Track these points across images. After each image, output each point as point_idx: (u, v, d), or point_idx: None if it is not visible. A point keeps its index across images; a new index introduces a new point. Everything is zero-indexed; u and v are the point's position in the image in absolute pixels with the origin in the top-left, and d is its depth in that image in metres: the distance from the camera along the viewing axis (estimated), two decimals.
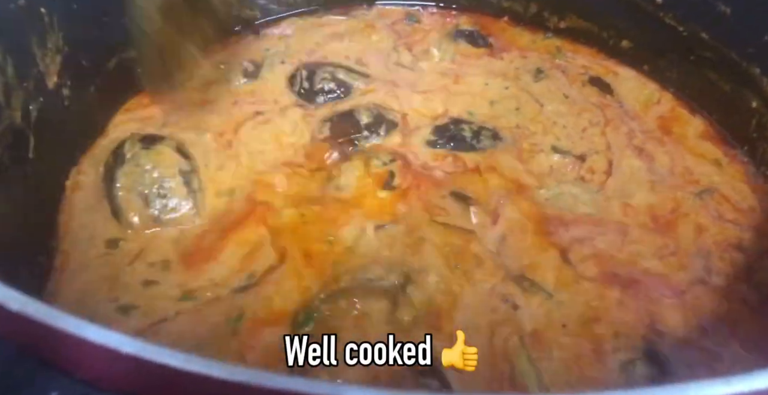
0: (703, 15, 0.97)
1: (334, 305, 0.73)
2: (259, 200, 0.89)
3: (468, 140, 0.98)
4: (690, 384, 0.34)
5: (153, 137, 0.95)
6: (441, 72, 1.13)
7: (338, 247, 0.82)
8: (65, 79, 0.93)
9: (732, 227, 0.87)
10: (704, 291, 0.79)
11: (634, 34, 1.11)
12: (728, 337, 0.74)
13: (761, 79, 0.92)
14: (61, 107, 0.94)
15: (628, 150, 0.98)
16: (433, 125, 1.01)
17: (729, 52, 0.96)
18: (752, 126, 0.95)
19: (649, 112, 1.06)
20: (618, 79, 1.12)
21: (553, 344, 0.72)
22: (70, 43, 0.91)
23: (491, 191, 0.90)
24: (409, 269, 0.78)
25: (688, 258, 0.83)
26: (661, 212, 0.89)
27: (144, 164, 0.90)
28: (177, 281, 0.79)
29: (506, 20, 1.25)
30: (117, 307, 0.75)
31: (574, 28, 1.19)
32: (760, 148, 0.95)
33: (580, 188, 0.92)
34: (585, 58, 1.17)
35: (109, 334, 0.40)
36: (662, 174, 0.95)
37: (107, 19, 0.99)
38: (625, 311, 0.76)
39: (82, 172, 0.94)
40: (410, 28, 1.24)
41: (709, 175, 0.95)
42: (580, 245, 0.84)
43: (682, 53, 1.04)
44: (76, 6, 0.91)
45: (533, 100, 1.07)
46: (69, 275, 0.80)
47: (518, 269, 0.80)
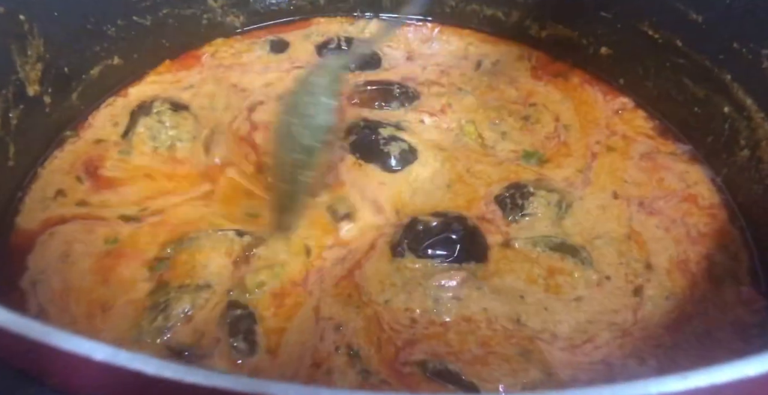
0: (676, 23, 0.99)
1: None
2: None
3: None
4: (649, 380, 0.35)
5: (180, 104, 1.04)
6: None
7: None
8: (46, 87, 0.93)
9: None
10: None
11: (613, 41, 1.13)
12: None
13: (732, 85, 0.94)
14: (42, 114, 0.94)
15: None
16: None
17: (702, 59, 0.98)
18: (725, 131, 0.97)
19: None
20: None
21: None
22: (51, 50, 0.92)
23: None
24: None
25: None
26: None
27: (165, 122, 1.00)
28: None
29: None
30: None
31: (554, 35, 1.21)
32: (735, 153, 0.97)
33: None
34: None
35: (81, 342, 0.40)
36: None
37: (90, 26, 1.00)
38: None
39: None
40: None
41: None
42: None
43: (658, 60, 1.06)
44: (57, 13, 0.91)
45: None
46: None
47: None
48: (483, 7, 1.25)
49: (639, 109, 1.12)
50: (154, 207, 0.91)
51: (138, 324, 0.77)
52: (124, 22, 1.05)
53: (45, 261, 0.83)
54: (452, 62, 1.22)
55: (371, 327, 0.79)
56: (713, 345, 0.78)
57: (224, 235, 0.84)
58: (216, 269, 0.82)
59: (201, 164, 0.98)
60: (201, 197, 0.93)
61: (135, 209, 0.90)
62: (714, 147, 1.00)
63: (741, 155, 0.95)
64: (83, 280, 0.82)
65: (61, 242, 0.86)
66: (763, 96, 0.89)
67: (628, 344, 0.79)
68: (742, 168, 0.95)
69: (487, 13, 1.25)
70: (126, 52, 1.08)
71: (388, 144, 0.99)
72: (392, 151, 0.99)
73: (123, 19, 1.05)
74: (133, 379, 0.38)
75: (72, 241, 0.86)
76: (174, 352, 0.74)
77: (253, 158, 0.99)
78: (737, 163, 0.96)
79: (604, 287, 0.85)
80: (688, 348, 0.78)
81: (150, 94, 1.07)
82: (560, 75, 1.19)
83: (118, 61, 1.07)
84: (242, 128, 1.04)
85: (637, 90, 1.12)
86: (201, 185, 0.95)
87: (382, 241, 0.89)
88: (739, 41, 0.90)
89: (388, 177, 0.97)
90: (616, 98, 1.14)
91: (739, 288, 0.85)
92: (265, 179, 0.94)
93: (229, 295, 0.80)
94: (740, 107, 0.93)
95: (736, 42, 0.90)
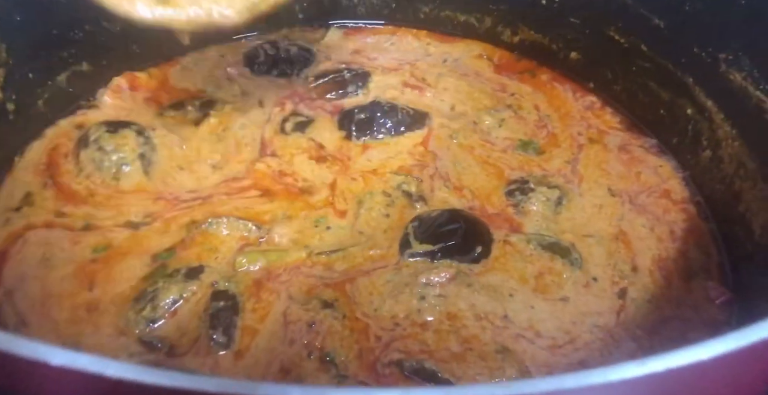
0: (640, 28, 1.02)
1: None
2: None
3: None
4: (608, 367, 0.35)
5: (118, 123, 0.99)
6: None
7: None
8: (9, 93, 0.91)
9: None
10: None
11: (581, 46, 1.17)
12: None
13: (694, 87, 0.97)
14: (5, 121, 0.92)
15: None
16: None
17: (665, 63, 1.01)
18: (689, 132, 1.00)
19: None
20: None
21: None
22: (14, 56, 0.90)
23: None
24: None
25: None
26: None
27: (105, 147, 0.95)
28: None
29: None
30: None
31: (526, 40, 1.24)
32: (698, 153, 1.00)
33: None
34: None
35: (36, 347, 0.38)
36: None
37: (56, 31, 0.98)
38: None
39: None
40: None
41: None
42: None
43: (625, 64, 1.09)
44: (19, 18, 0.89)
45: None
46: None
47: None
48: (456, 13, 1.27)
49: (606, 106, 1.15)
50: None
51: (125, 315, 0.78)
52: (92, 28, 1.03)
53: (22, 269, 0.83)
54: (416, 57, 1.23)
55: (356, 336, 0.79)
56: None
57: (245, 224, 0.89)
58: (222, 254, 0.86)
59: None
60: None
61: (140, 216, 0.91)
62: (680, 147, 1.03)
63: (704, 155, 0.98)
64: (65, 284, 0.81)
65: (39, 246, 0.85)
66: (722, 99, 0.93)
67: (608, 346, 0.80)
68: (705, 168, 0.98)
69: (460, 19, 1.28)
70: (95, 59, 1.06)
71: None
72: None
73: (91, 24, 1.03)
74: (96, 383, 0.37)
75: (51, 245, 0.85)
76: (150, 348, 0.76)
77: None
78: (701, 162, 0.99)
79: (590, 288, 0.86)
80: (664, 352, 0.79)
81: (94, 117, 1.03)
82: (526, 72, 1.22)
83: (87, 68, 1.05)
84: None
85: (607, 92, 1.15)
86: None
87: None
88: (698, 46, 0.94)
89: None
90: (585, 96, 1.17)
91: (707, 284, 0.87)
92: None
93: (213, 286, 0.82)
94: (702, 109, 0.97)
95: (696, 47, 0.94)
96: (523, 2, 1.15)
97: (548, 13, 1.15)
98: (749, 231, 0.86)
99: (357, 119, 1.06)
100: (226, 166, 0.99)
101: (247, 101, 1.10)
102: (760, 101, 0.84)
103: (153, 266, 0.84)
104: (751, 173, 0.87)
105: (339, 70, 1.15)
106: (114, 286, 0.82)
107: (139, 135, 0.97)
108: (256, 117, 1.07)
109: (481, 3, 1.21)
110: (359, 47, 1.24)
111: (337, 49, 1.23)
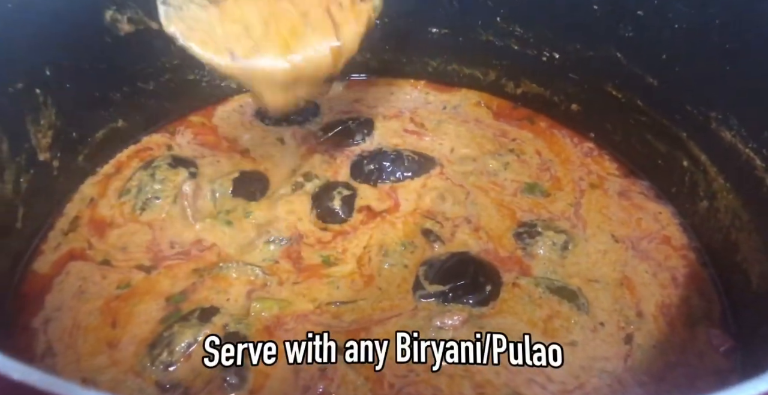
0: (635, 85, 1.08)
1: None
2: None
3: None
4: None
5: (184, 160, 1.09)
6: None
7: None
8: (56, 152, 0.99)
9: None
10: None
11: (581, 99, 1.23)
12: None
13: (688, 142, 1.02)
14: (51, 177, 0.99)
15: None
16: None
17: (661, 119, 1.07)
18: (686, 183, 1.05)
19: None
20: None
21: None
22: (61, 119, 0.98)
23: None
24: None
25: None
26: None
27: (155, 175, 1.05)
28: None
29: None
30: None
31: (528, 92, 1.31)
32: (696, 203, 1.04)
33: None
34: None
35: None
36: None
37: (98, 93, 1.07)
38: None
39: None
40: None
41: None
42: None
43: (623, 117, 1.15)
44: (69, 85, 0.98)
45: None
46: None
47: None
48: (462, 67, 1.34)
49: (604, 153, 1.20)
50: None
51: (142, 360, 0.82)
52: (128, 89, 1.12)
53: (62, 298, 0.89)
54: (415, 105, 1.30)
55: (371, 385, 0.81)
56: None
57: (251, 269, 0.94)
58: (232, 296, 0.91)
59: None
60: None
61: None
62: (678, 196, 1.08)
63: (701, 205, 1.02)
64: (92, 319, 0.87)
65: (78, 278, 0.92)
66: (715, 153, 0.97)
67: (616, 392, 0.82)
68: (703, 217, 1.02)
69: (466, 73, 1.35)
70: (129, 116, 1.14)
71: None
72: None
73: (128, 85, 1.12)
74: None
75: (86, 279, 0.92)
76: (165, 391, 0.79)
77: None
78: (699, 212, 1.03)
79: (598, 333, 0.89)
80: None
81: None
82: (525, 119, 1.28)
83: (122, 124, 1.14)
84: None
85: (606, 141, 1.21)
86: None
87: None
88: (690, 104, 0.99)
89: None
90: (583, 143, 1.23)
91: (709, 331, 0.89)
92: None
93: (225, 329, 0.85)
94: (697, 161, 1.02)
95: (688, 105, 0.99)
96: (525, 58, 1.22)
97: (549, 68, 1.21)
98: (747, 281, 0.89)
99: (367, 170, 1.11)
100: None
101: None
102: (750, 158, 0.88)
103: (168, 310, 0.88)
104: (745, 225, 0.91)
105: (344, 121, 1.22)
106: (133, 327, 0.86)
107: (191, 177, 1.06)
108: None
109: (485, 58, 1.28)
110: (359, 97, 1.31)
111: (338, 99, 1.29)
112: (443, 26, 1.26)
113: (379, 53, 1.33)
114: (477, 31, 1.23)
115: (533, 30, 1.18)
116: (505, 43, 1.23)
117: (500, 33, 1.21)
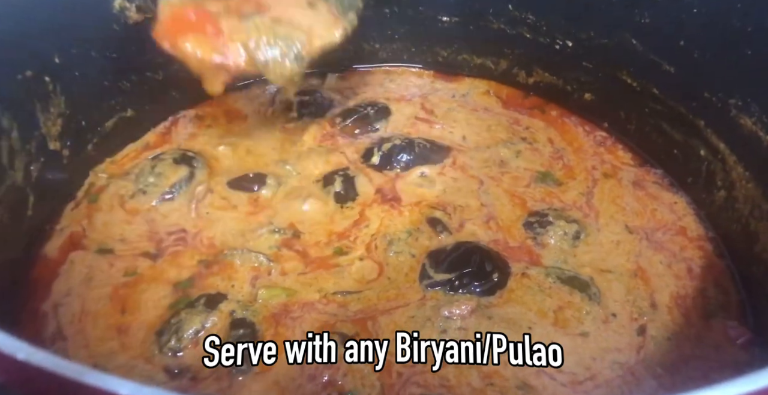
0: (651, 73, 1.06)
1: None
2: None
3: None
4: None
5: (191, 157, 1.09)
6: None
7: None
8: (65, 140, 0.99)
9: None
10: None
11: (595, 88, 1.21)
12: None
13: (706, 130, 1.00)
14: (60, 165, 1.00)
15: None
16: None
17: (677, 106, 1.04)
18: (703, 172, 1.03)
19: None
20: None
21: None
22: (71, 107, 0.98)
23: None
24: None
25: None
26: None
27: (156, 168, 1.05)
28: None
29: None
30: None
31: (541, 82, 1.29)
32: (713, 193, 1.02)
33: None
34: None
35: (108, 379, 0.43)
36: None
37: (107, 82, 1.07)
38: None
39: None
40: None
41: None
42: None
43: (638, 106, 1.13)
44: (77, 73, 0.98)
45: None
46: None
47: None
48: (473, 56, 1.32)
49: (618, 142, 1.18)
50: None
51: (150, 347, 0.83)
52: (138, 78, 1.12)
53: (69, 284, 0.90)
54: (424, 92, 1.29)
55: (378, 373, 0.81)
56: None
57: (256, 256, 0.94)
58: (238, 283, 0.91)
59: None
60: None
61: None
62: (694, 186, 1.06)
63: (719, 195, 1.00)
64: (101, 305, 0.88)
65: (84, 266, 0.93)
66: (734, 141, 0.95)
67: (629, 384, 0.81)
68: (720, 207, 1.00)
69: (476, 62, 1.33)
70: (139, 105, 1.14)
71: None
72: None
73: (137, 75, 1.12)
74: None
75: (93, 267, 0.93)
76: (174, 376, 0.80)
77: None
78: (716, 202, 1.01)
79: (610, 324, 0.88)
80: (685, 392, 0.80)
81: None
82: (536, 108, 1.26)
83: (131, 113, 1.14)
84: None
85: (620, 130, 1.19)
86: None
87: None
88: (708, 91, 0.97)
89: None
90: (596, 132, 1.21)
91: (726, 323, 0.88)
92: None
93: (232, 315, 0.86)
94: (715, 150, 0.99)
95: (706, 92, 0.97)
96: (537, 47, 1.20)
97: (562, 57, 1.20)
98: (766, 272, 0.87)
99: (379, 156, 1.11)
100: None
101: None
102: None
103: (175, 296, 0.89)
104: (765, 215, 0.89)
105: (362, 108, 1.21)
106: (141, 313, 0.87)
107: (191, 176, 1.06)
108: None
109: (497, 47, 1.27)
110: (369, 85, 1.30)
111: (349, 89, 1.29)
112: (453, 14, 1.24)
113: (389, 42, 1.31)
114: (488, 19, 1.22)
115: (546, 17, 1.16)
116: (517, 32, 1.21)
117: (512, 21, 1.20)
